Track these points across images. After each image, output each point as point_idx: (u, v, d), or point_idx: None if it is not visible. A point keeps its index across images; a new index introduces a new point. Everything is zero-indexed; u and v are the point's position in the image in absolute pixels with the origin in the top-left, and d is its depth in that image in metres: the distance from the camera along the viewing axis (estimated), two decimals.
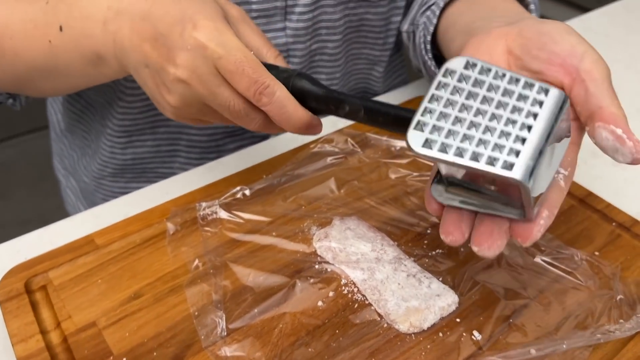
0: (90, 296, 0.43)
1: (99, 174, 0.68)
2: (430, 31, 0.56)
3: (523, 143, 0.32)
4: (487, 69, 0.34)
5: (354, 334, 0.41)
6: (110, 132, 0.64)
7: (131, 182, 0.68)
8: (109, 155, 0.66)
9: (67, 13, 0.45)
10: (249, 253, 0.47)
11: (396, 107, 0.39)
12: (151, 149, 0.66)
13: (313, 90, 0.41)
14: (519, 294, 0.44)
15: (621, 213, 0.51)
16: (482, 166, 0.32)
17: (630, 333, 0.41)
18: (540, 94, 0.33)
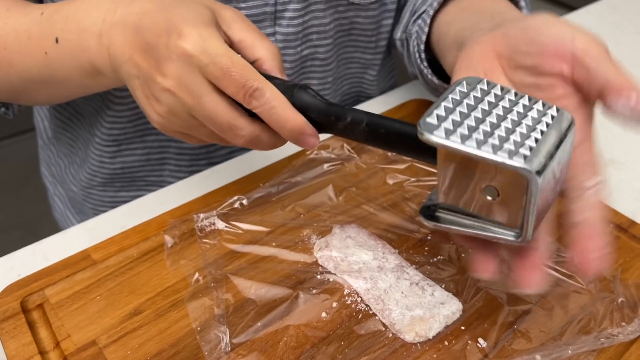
0: (89, 314, 0.42)
1: (88, 183, 0.67)
2: (423, 40, 0.56)
3: (537, 143, 0.32)
4: (503, 87, 0.35)
5: (359, 345, 0.41)
6: (98, 141, 0.63)
7: (121, 191, 0.67)
8: (98, 165, 0.65)
9: (62, 25, 0.44)
10: (250, 265, 0.46)
11: (401, 122, 0.37)
12: (141, 158, 0.65)
13: (316, 102, 0.40)
14: (521, 299, 0.44)
15: (618, 214, 0.51)
16: (498, 157, 0.31)
17: (634, 336, 0.41)
18: (551, 111, 0.34)
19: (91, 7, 0.44)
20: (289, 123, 0.40)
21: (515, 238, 0.35)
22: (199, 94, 0.39)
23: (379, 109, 0.64)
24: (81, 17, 0.43)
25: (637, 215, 0.54)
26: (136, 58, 0.40)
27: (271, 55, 0.42)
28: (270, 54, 0.42)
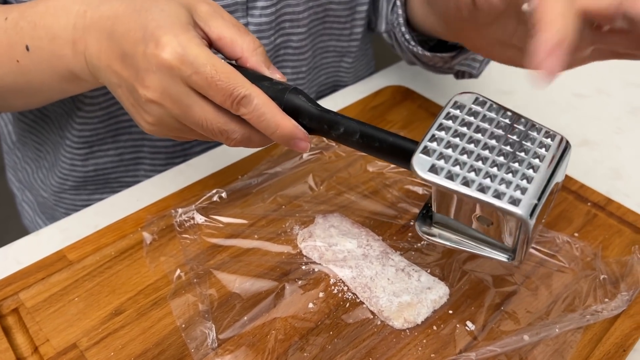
0: (67, 316, 0.41)
1: (59, 187, 0.65)
2: (402, 23, 0.56)
3: (529, 182, 0.32)
4: (497, 107, 0.35)
5: (348, 335, 0.40)
6: (69, 144, 0.61)
7: (94, 194, 0.65)
8: (69, 168, 0.63)
9: (31, 32, 0.43)
10: (232, 258, 0.45)
11: (395, 135, 0.37)
12: (114, 158, 0.63)
13: (307, 107, 0.39)
14: (506, 280, 0.44)
15: (595, 193, 0.52)
16: (488, 198, 0.32)
17: (617, 312, 0.42)
18: (547, 139, 0.34)
19: (58, 11, 0.42)
20: (279, 129, 0.39)
21: (508, 260, 0.36)
22: (185, 104, 0.38)
23: (355, 97, 0.64)
24: (50, 23, 0.42)
25: (613, 194, 0.55)
26: (115, 67, 0.39)
27: (253, 51, 0.41)
28: (252, 50, 0.41)
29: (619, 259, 0.46)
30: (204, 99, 0.38)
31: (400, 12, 0.56)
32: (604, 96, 0.70)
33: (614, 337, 0.41)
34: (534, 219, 0.32)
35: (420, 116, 0.61)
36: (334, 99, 0.66)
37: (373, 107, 0.62)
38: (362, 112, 0.61)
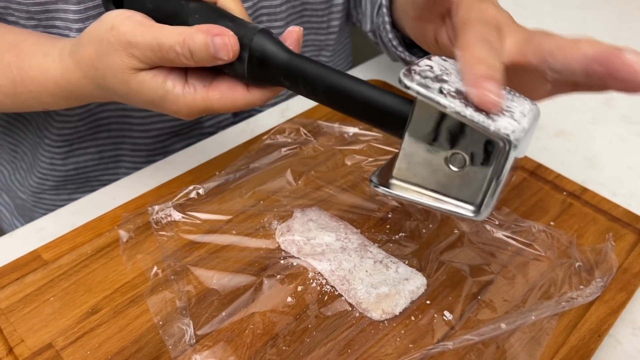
0: (43, 316, 0.40)
1: (38, 188, 0.64)
2: (389, 29, 0.56)
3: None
4: None
5: (327, 327, 0.40)
6: (48, 142, 0.60)
7: (75, 194, 0.64)
8: (49, 167, 0.62)
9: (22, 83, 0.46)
10: (210, 254, 0.45)
11: (370, 86, 0.35)
12: (94, 156, 0.62)
13: (276, 52, 0.37)
14: (483, 270, 0.45)
15: (570, 182, 0.53)
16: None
17: (592, 298, 0.42)
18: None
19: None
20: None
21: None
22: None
23: None
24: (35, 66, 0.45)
25: (588, 183, 0.56)
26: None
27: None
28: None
29: (594, 247, 0.47)
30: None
31: (387, 17, 0.56)
32: None
33: (588, 323, 0.41)
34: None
35: None
36: None
37: None
38: None
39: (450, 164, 0.33)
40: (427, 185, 0.34)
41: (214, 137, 0.59)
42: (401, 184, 0.35)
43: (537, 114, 0.33)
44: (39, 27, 0.52)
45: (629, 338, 0.43)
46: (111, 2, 0.43)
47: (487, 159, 0.32)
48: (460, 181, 0.33)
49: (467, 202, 0.34)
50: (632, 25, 0.84)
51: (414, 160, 0.34)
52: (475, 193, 0.33)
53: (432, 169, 0.33)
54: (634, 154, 0.61)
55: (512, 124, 0.31)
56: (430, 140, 0.33)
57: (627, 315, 0.44)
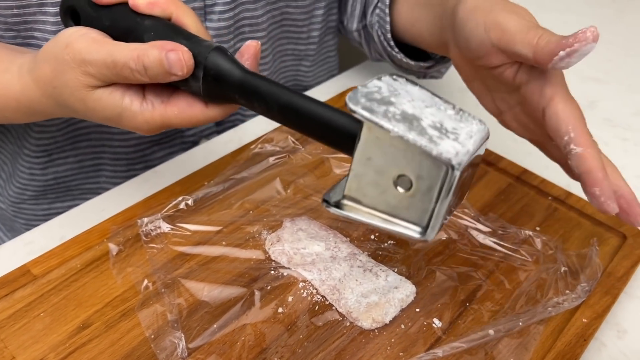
0: (33, 332, 0.40)
1: (18, 198, 0.63)
2: (388, 29, 0.57)
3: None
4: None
5: (318, 337, 0.41)
6: (27, 152, 0.60)
7: (55, 203, 0.64)
8: (28, 177, 0.61)
9: None
10: (200, 266, 0.45)
11: (319, 104, 0.35)
12: (74, 166, 0.62)
13: (230, 69, 0.37)
14: (471, 277, 0.45)
15: (555, 187, 0.53)
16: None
17: (577, 303, 0.43)
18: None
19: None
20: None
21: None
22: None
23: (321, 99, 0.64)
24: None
25: (573, 187, 0.56)
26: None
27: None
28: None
29: (579, 252, 0.47)
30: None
31: (388, 18, 0.58)
32: None
33: (574, 327, 0.42)
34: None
35: None
36: None
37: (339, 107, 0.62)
38: None
39: (398, 185, 0.33)
40: (376, 206, 0.34)
41: (202, 146, 0.59)
42: (352, 204, 0.35)
43: (485, 135, 0.33)
44: (18, 37, 0.52)
45: (614, 341, 0.44)
46: (70, 19, 0.44)
47: (432, 182, 0.32)
48: (408, 203, 0.33)
49: (415, 223, 0.34)
50: (614, 29, 0.86)
51: (364, 181, 0.34)
52: (421, 215, 0.33)
53: (381, 190, 0.34)
54: (616, 157, 0.62)
55: (456, 147, 0.31)
56: (378, 162, 0.33)
57: (612, 318, 0.45)
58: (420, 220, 0.33)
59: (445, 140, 0.31)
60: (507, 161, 0.56)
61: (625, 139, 0.64)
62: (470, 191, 0.53)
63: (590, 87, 0.73)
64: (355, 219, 0.35)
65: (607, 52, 0.79)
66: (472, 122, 0.33)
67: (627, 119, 0.67)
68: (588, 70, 0.76)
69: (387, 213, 0.34)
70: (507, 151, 0.58)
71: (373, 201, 0.34)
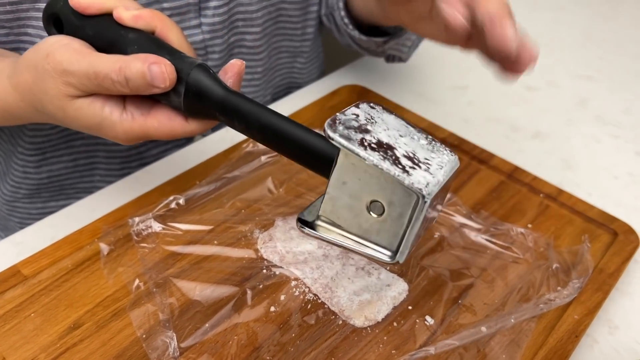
0: (24, 333, 0.40)
1: (12, 196, 0.63)
2: (341, 7, 0.58)
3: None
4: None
5: (310, 336, 0.41)
6: (21, 151, 0.59)
7: (49, 202, 0.64)
8: (22, 176, 0.61)
9: None
10: (192, 266, 0.45)
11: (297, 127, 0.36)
12: (68, 164, 0.61)
13: (212, 87, 0.38)
14: (463, 274, 0.45)
15: (547, 184, 0.54)
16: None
17: (569, 299, 0.43)
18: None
19: None
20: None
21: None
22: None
23: (312, 98, 0.64)
24: None
25: (564, 184, 0.57)
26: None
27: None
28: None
29: (570, 248, 0.48)
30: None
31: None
32: (554, 89, 0.72)
33: (566, 324, 0.42)
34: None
35: None
36: (292, 99, 0.66)
37: (330, 107, 0.62)
38: (319, 112, 0.61)
39: (371, 210, 0.34)
40: (349, 228, 0.35)
41: (193, 145, 0.59)
42: (326, 225, 0.36)
43: (455, 165, 0.35)
44: (10, 35, 0.51)
45: (606, 337, 0.44)
46: (52, 26, 0.44)
47: (403, 209, 0.33)
48: (379, 227, 0.34)
49: (385, 247, 0.35)
50: (605, 27, 0.86)
51: (338, 204, 0.35)
52: (392, 239, 0.34)
53: (354, 214, 0.35)
54: (608, 154, 0.62)
55: (427, 178, 0.32)
56: (352, 187, 0.34)
57: (603, 314, 0.45)
58: (390, 245, 0.34)
59: (417, 170, 0.32)
60: (498, 159, 0.56)
61: (616, 136, 0.65)
62: (463, 189, 0.53)
63: (581, 85, 0.73)
64: (328, 240, 0.36)
65: (599, 50, 0.80)
66: (443, 152, 0.35)
67: (618, 117, 0.68)
68: (579, 69, 0.76)
69: (359, 236, 0.35)
70: (498, 149, 0.58)
71: (346, 224, 0.35)
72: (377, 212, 0.34)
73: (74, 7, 0.41)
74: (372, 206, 0.34)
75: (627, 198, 0.56)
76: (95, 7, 0.41)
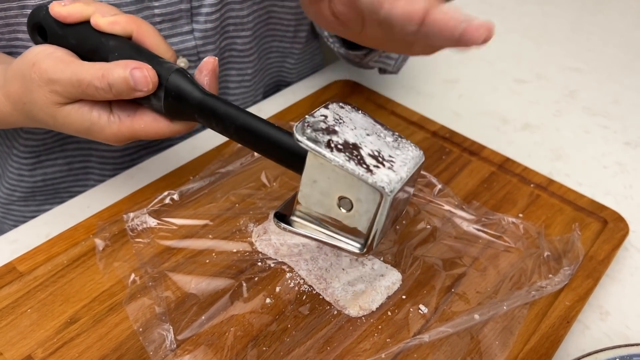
0: (21, 328, 0.40)
1: (7, 199, 0.63)
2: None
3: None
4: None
5: (306, 326, 0.41)
6: (16, 154, 0.59)
7: (44, 205, 0.64)
8: (17, 179, 0.61)
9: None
10: (187, 260, 0.45)
11: (271, 126, 0.38)
12: (62, 168, 0.62)
13: (190, 90, 0.39)
14: (456, 263, 0.46)
15: (537, 175, 0.54)
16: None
17: (560, 286, 0.44)
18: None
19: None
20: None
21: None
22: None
23: (305, 93, 0.64)
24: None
25: (554, 174, 0.57)
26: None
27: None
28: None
29: (561, 237, 0.48)
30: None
31: None
32: (543, 81, 0.73)
33: (558, 310, 0.43)
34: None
35: (368, 109, 0.62)
36: (285, 95, 0.67)
37: (323, 101, 0.63)
38: (312, 107, 0.62)
39: (341, 206, 0.36)
40: (322, 223, 0.37)
41: (186, 141, 0.59)
42: (300, 220, 0.38)
43: (420, 160, 0.36)
44: (2, 40, 0.51)
45: (597, 323, 0.45)
46: (37, 35, 0.45)
47: (369, 205, 0.35)
48: (349, 222, 0.36)
49: (355, 240, 0.37)
50: (593, 19, 0.87)
51: (310, 201, 0.36)
52: (360, 233, 0.36)
53: (325, 209, 0.36)
54: (596, 144, 0.63)
55: (390, 176, 0.34)
56: (322, 184, 0.35)
57: (594, 301, 0.46)
58: (359, 238, 0.36)
59: (380, 169, 0.34)
60: (489, 150, 0.57)
61: (605, 127, 0.66)
62: (454, 180, 0.54)
63: (570, 76, 0.74)
64: (303, 235, 0.38)
65: (587, 43, 0.81)
66: (408, 148, 0.36)
67: (607, 108, 0.69)
68: (568, 61, 0.77)
69: (331, 230, 0.37)
70: (489, 141, 0.59)
71: (319, 218, 0.37)
72: (346, 207, 0.35)
73: (54, 17, 0.42)
74: (342, 202, 0.35)
75: (616, 187, 0.57)
76: (74, 16, 0.42)
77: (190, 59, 0.59)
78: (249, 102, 0.68)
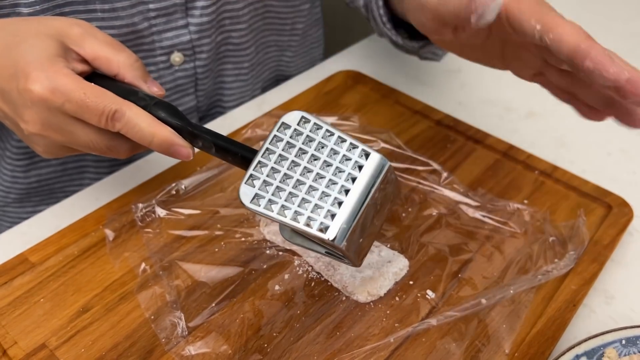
0: (34, 317, 0.41)
1: (2, 201, 0.63)
2: (380, 4, 0.56)
3: (339, 206, 0.34)
4: (319, 126, 0.35)
5: (315, 312, 0.42)
6: (10, 155, 0.60)
7: (39, 205, 0.64)
8: (11, 180, 0.61)
9: None
10: (197, 249, 0.46)
11: (244, 148, 0.38)
12: (57, 168, 0.62)
13: (169, 121, 0.40)
14: (462, 249, 0.46)
15: (542, 162, 0.55)
16: (301, 226, 0.34)
17: (566, 270, 0.45)
18: (362, 158, 0.35)
19: None
20: (155, 137, 0.39)
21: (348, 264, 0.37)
22: (68, 131, 0.39)
23: (308, 84, 0.65)
24: None
25: (558, 161, 0.58)
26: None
27: (130, 66, 0.41)
28: (127, 65, 0.41)
29: (566, 222, 0.49)
30: (84, 123, 0.39)
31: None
32: None
33: (564, 294, 0.43)
34: (345, 242, 0.33)
35: (372, 99, 0.62)
36: (288, 86, 0.67)
37: (326, 92, 0.63)
38: (316, 97, 0.62)
39: None
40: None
41: None
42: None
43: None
44: None
45: (602, 306, 0.45)
46: None
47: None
48: None
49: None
50: (595, 7, 0.87)
51: None
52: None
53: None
54: (600, 131, 0.63)
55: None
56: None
57: (600, 285, 0.46)
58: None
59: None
60: (493, 138, 0.57)
61: None
62: (459, 168, 0.54)
63: None
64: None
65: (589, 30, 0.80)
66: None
67: None
68: None
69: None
70: (493, 129, 0.59)
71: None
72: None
73: None
74: None
75: (620, 173, 0.58)
76: None
77: (186, 53, 0.59)
78: (247, 97, 0.68)
